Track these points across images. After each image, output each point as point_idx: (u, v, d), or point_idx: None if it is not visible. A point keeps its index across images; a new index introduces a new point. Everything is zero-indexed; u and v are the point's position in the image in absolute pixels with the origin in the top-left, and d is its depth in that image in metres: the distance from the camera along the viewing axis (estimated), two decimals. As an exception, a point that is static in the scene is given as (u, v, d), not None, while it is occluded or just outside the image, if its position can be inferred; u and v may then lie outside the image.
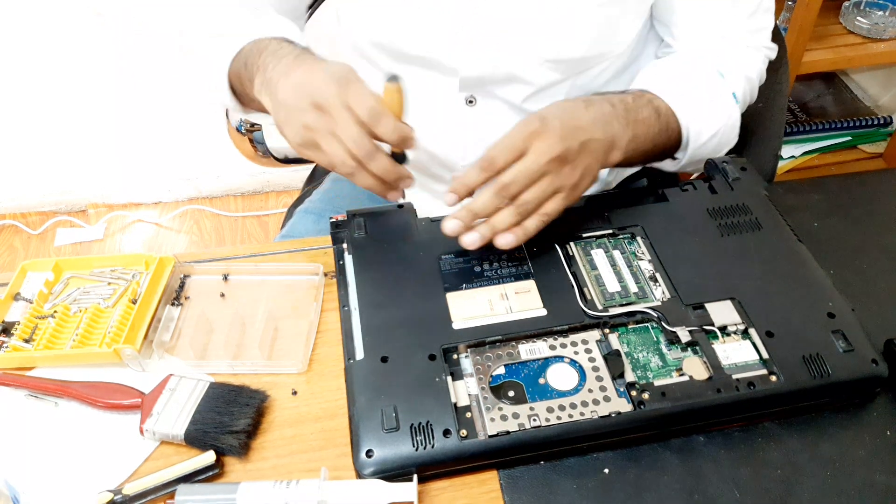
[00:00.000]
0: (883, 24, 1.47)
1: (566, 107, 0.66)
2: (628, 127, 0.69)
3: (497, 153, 0.62)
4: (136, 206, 2.01)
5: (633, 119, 0.70)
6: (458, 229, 0.64)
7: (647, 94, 0.74)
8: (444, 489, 0.55)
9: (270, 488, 0.53)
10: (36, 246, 1.92)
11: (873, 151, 1.68)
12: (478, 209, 0.63)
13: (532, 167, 0.62)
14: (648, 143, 0.72)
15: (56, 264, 0.71)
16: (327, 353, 0.65)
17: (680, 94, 0.75)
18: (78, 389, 0.61)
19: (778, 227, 0.69)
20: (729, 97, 0.77)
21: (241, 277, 0.72)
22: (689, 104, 0.75)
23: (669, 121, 0.74)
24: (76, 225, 1.95)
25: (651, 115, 0.72)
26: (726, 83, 0.78)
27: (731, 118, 0.77)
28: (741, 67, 0.80)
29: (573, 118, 0.65)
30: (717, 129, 0.76)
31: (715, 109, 0.76)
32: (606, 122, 0.67)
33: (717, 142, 0.77)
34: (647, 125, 0.71)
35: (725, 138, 0.78)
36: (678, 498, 0.54)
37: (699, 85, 0.77)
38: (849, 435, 0.58)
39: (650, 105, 0.73)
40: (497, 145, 0.62)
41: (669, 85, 0.75)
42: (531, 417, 0.56)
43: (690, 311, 0.62)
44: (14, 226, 1.96)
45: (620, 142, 0.68)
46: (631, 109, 0.70)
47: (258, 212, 1.99)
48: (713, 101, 0.77)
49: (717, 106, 0.77)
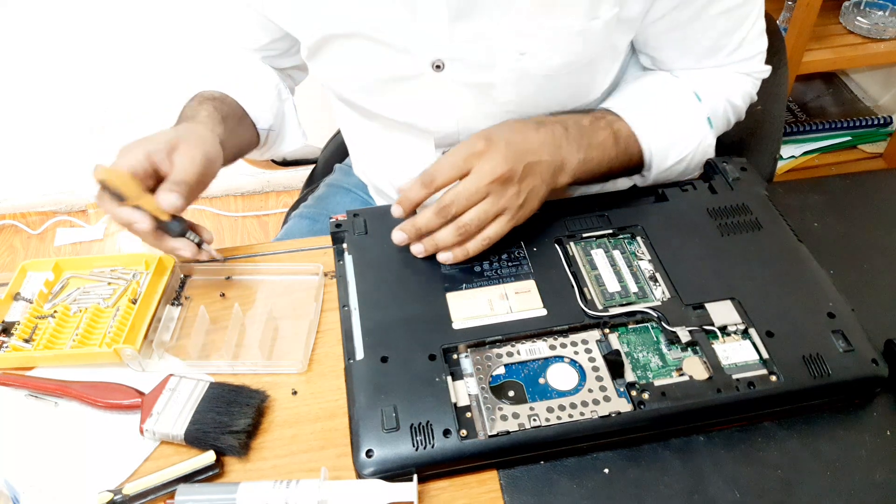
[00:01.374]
0: (883, 24, 1.47)
1: (515, 127, 0.66)
2: (580, 150, 0.68)
3: (437, 171, 0.63)
4: (136, 206, 2.00)
5: (588, 143, 0.69)
6: (403, 241, 0.66)
7: (609, 115, 0.73)
8: (444, 489, 0.55)
9: (270, 488, 0.53)
10: (36, 246, 1.92)
11: (873, 151, 1.68)
12: (420, 225, 0.64)
13: (472, 188, 0.62)
14: (603, 167, 0.71)
15: (56, 264, 0.71)
16: (327, 353, 0.65)
17: (646, 117, 0.73)
18: (78, 389, 0.61)
19: (778, 227, 0.69)
20: (703, 121, 0.75)
21: (241, 277, 0.72)
22: (654, 127, 0.73)
23: (629, 145, 0.72)
24: (76, 225, 1.94)
25: (608, 139, 0.71)
26: (702, 107, 0.75)
27: (702, 143, 0.75)
28: (723, 90, 0.77)
29: (521, 139, 0.64)
30: (686, 154, 0.74)
31: (685, 135, 0.74)
32: (556, 144, 0.66)
33: (686, 166, 0.76)
34: (602, 149, 0.70)
35: (696, 163, 0.76)
36: (678, 498, 0.54)
37: (670, 107, 0.75)
38: (849, 435, 0.57)
39: (609, 128, 0.71)
40: (439, 163, 0.63)
41: (638, 106, 0.73)
42: (531, 417, 0.56)
43: (690, 311, 0.62)
44: (14, 226, 1.96)
45: (570, 165, 0.67)
46: (586, 132, 0.69)
47: (258, 212, 1.99)
48: (684, 126, 0.75)
49: (687, 130, 0.75)
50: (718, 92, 0.76)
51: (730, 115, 0.79)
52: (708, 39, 0.74)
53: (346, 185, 1.03)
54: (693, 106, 0.75)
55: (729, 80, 0.78)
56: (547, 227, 0.70)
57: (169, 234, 0.66)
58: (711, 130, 0.76)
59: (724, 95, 0.77)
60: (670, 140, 0.74)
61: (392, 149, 0.84)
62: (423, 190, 0.63)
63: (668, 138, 0.73)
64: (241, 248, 0.76)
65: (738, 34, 0.74)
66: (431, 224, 0.64)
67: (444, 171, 0.63)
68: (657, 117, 0.73)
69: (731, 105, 0.78)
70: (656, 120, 0.73)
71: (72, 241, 1.91)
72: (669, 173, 0.76)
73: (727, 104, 0.77)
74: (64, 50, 1.71)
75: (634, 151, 0.73)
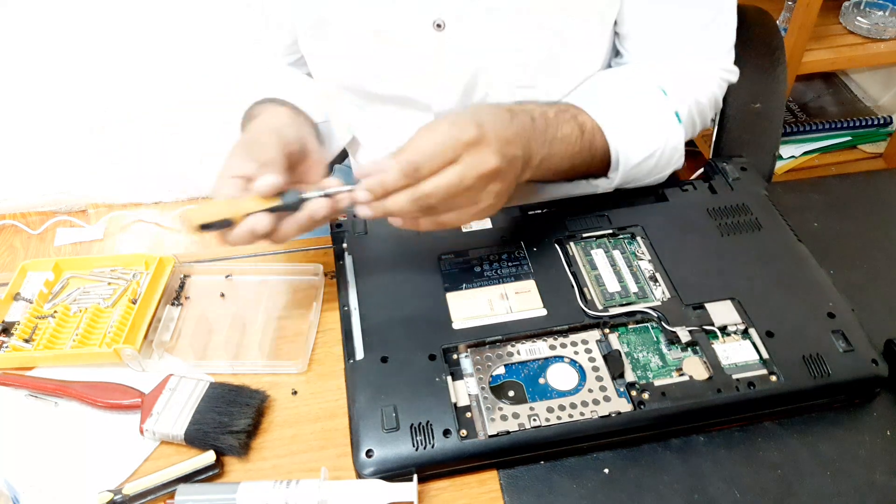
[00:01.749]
0: (883, 24, 1.47)
1: (496, 115, 0.60)
2: (545, 145, 0.64)
3: (424, 161, 0.55)
4: (136, 206, 2.00)
5: (552, 136, 0.65)
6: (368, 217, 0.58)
7: (573, 108, 0.69)
8: (444, 489, 0.55)
9: (270, 488, 0.53)
10: (36, 246, 1.92)
11: (873, 151, 1.68)
12: (392, 210, 0.57)
13: (457, 182, 0.56)
14: (565, 163, 0.67)
15: (56, 264, 0.71)
16: (327, 353, 0.65)
17: (611, 111, 0.69)
18: (78, 389, 0.61)
19: (778, 227, 0.69)
20: (670, 116, 0.72)
21: (241, 277, 0.72)
22: (619, 122, 0.69)
23: (595, 139, 0.68)
24: (76, 225, 1.94)
25: (573, 132, 0.67)
26: (668, 101, 0.72)
27: (671, 139, 0.71)
28: (690, 88, 0.74)
29: (504, 130, 0.59)
30: (654, 150, 0.70)
31: (652, 128, 0.71)
32: (526, 136, 0.62)
33: (655, 163, 0.71)
34: (566, 143, 0.66)
35: (665, 160, 0.72)
36: (678, 498, 0.54)
37: (636, 101, 0.72)
38: (849, 435, 0.57)
39: (574, 121, 0.67)
40: (425, 150, 0.55)
41: (601, 101, 0.71)
42: (531, 417, 0.56)
43: (690, 311, 0.62)
44: (14, 226, 1.95)
45: (534, 160, 0.63)
46: (551, 125, 0.65)
47: (258, 212, 1.99)
48: (650, 119, 0.71)
49: (654, 125, 0.71)
50: (684, 89, 0.74)
51: (695, 116, 0.76)
52: (676, 12, 0.73)
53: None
54: (659, 100, 0.72)
55: (695, 78, 0.75)
56: (547, 227, 0.70)
57: (292, 212, 0.59)
58: (680, 125, 0.72)
59: (691, 94, 0.74)
60: (636, 133, 0.70)
61: (393, 129, 0.83)
62: (403, 180, 0.55)
63: (633, 131, 0.70)
64: (241, 249, 0.76)
65: (708, 12, 0.73)
66: (404, 211, 0.57)
67: (431, 162, 0.55)
68: (621, 110, 0.71)
69: (696, 104, 0.75)
70: (621, 113, 0.70)
71: (72, 241, 1.91)
72: (637, 172, 0.71)
73: (693, 102, 0.74)
74: (64, 50, 1.70)
75: (599, 146, 0.69)
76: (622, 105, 0.71)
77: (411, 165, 0.55)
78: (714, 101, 0.78)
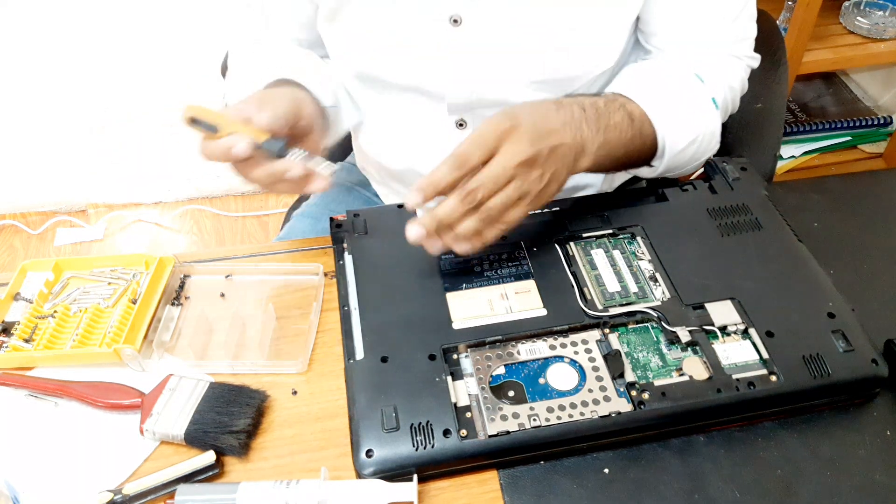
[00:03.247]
0: (883, 24, 1.47)
1: (537, 108, 0.63)
2: (599, 132, 0.65)
3: (470, 151, 0.58)
4: (136, 206, 2.01)
5: (605, 124, 0.66)
6: (420, 237, 0.61)
7: (620, 97, 0.70)
8: (444, 489, 0.55)
9: (270, 488, 0.53)
10: (36, 246, 1.92)
11: (873, 151, 1.68)
12: (443, 216, 0.59)
13: (500, 171, 0.58)
14: (620, 150, 0.69)
15: (56, 264, 0.71)
16: (327, 353, 0.65)
17: (656, 99, 0.71)
18: (78, 389, 0.61)
19: (778, 227, 0.69)
20: (708, 102, 0.74)
21: (241, 277, 0.72)
22: (665, 109, 0.71)
23: (643, 126, 0.70)
24: (76, 225, 1.94)
25: (623, 120, 0.68)
26: (705, 88, 0.74)
27: (710, 124, 0.74)
28: (722, 74, 0.76)
29: (544, 120, 0.61)
30: (696, 136, 0.72)
31: (693, 115, 0.73)
32: (576, 126, 0.64)
33: (696, 149, 0.73)
34: (619, 130, 0.68)
35: (704, 146, 0.74)
36: (678, 498, 0.54)
37: (676, 89, 0.73)
38: (849, 435, 0.57)
39: (623, 109, 0.69)
40: (469, 142, 0.59)
41: (645, 89, 0.72)
42: (531, 417, 0.56)
43: (690, 311, 0.62)
44: (14, 226, 1.96)
45: (590, 147, 0.65)
46: (602, 114, 0.67)
47: (258, 212, 1.99)
48: (691, 106, 0.73)
49: (695, 111, 0.73)
50: (718, 74, 0.76)
51: (728, 102, 0.78)
52: (708, 5, 0.74)
53: (348, 184, 1.03)
54: (696, 86, 0.74)
55: (726, 65, 0.78)
56: (547, 227, 0.70)
57: (271, 159, 0.61)
58: (717, 111, 0.74)
59: (724, 79, 0.77)
60: (679, 120, 0.72)
61: (404, 117, 0.83)
62: (455, 172, 0.58)
63: (677, 118, 0.72)
64: (241, 248, 0.76)
65: (737, 4, 0.74)
66: (456, 213, 0.59)
67: (476, 151, 0.58)
68: (664, 97, 0.72)
69: (730, 90, 0.77)
70: (664, 100, 0.72)
71: (72, 241, 1.91)
72: (681, 158, 0.73)
73: (727, 88, 0.77)
74: (64, 50, 1.71)
75: (648, 134, 0.71)
76: (663, 93, 0.72)
77: (459, 157, 0.58)
78: (743, 87, 0.80)
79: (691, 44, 0.77)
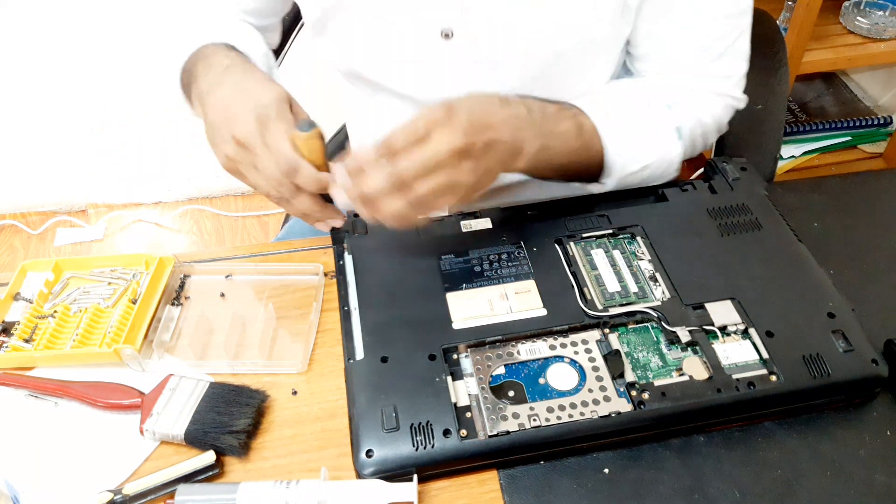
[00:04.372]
0: (883, 24, 1.47)
1: (479, 100, 0.62)
2: (541, 136, 0.64)
3: (395, 136, 0.58)
4: (136, 206, 2.00)
5: (549, 130, 0.65)
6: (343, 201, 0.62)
7: (575, 108, 0.70)
8: (444, 489, 0.55)
9: (270, 488, 0.53)
10: (36, 246, 1.92)
11: (873, 151, 1.68)
12: (367, 191, 0.59)
13: (429, 156, 0.58)
14: (562, 158, 0.68)
15: (56, 264, 0.71)
16: (327, 353, 0.65)
17: (613, 119, 0.70)
18: (78, 389, 0.61)
19: (778, 227, 0.69)
20: (671, 131, 0.73)
21: (241, 277, 0.72)
22: (619, 130, 0.70)
23: (592, 141, 0.69)
24: (76, 225, 1.94)
25: (570, 130, 0.67)
26: (671, 116, 0.73)
27: (669, 153, 0.73)
28: (695, 107, 0.75)
29: (483, 114, 0.60)
30: (650, 162, 0.72)
31: (651, 140, 0.72)
32: (518, 125, 0.63)
33: (649, 174, 0.73)
34: (563, 139, 0.67)
35: (659, 172, 0.73)
36: (678, 498, 0.54)
37: (638, 112, 0.72)
38: (849, 435, 0.58)
39: (573, 119, 0.68)
40: (397, 129, 0.59)
41: (605, 107, 0.71)
42: (531, 417, 0.56)
43: (690, 311, 0.62)
44: (14, 226, 1.96)
45: (529, 149, 0.63)
46: (549, 119, 0.66)
47: (258, 212, 1.99)
48: (651, 131, 0.72)
49: (653, 137, 0.72)
50: (689, 106, 0.74)
51: (697, 136, 0.76)
52: (693, 39, 0.73)
53: None
54: (662, 113, 0.73)
55: (701, 99, 0.75)
56: (547, 227, 0.70)
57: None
58: (679, 142, 0.73)
59: (694, 112, 0.74)
60: (634, 143, 0.71)
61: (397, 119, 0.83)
62: (377, 152, 0.59)
63: (631, 141, 0.71)
64: (241, 248, 0.76)
65: (723, 43, 0.73)
66: (380, 190, 0.59)
67: (402, 136, 0.58)
68: (623, 119, 0.71)
69: (700, 124, 0.75)
70: (622, 121, 0.71)
71: (72, 241, 1.91)
72: (631, 180, 0.73)
73: (696, 121, 0.75)
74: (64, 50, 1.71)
75: (596, 148, 0.70)
76: (624, 114, 0.71)
77: (384, 143, 0.58)
78: (718, 125, 0.78)
79: (672, 74, 0.75)
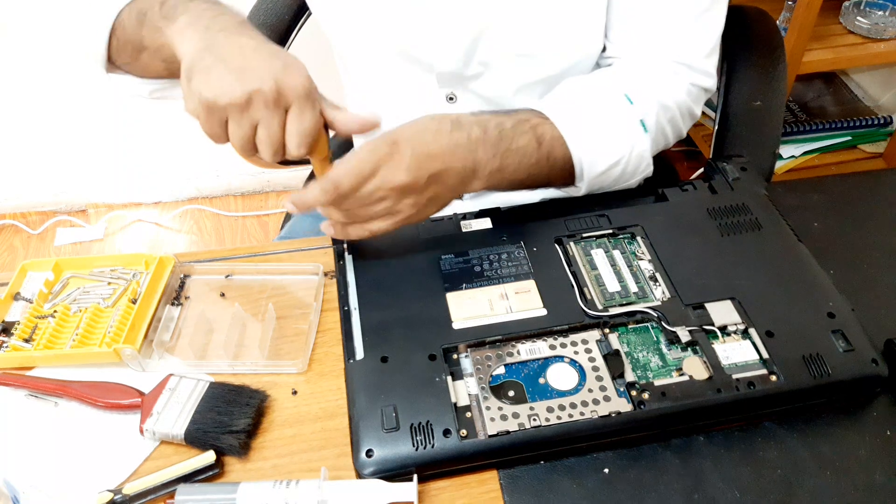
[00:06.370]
0: (883, 24, 1.47)
1: (425, 130, 0.63)
2: (496, 157, 0.65)
3: (342, 178, 0.60)
4: (136, 206, 2.01)
5: (506, 148, 0.66)
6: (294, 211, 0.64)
7: (535, 118, 0.69)
8: (444, 489, 0.55)
9: (270, 488, 0.53)
10: (36, 246, 1.92)
11: (873, 151, 1.68)
12: (315, 209, 0.63)
13: (372, 192, 0.61)
14: (521, 174, 0.68)
15: (56, 264, 0.71)
16: (327, 353, 0.65)
17: (575, 121, 0.70)
18: (78, 389, 0.61)
19: (778, 227, 0.69)
20: (635, 124, 0.72)
21: (241, 277, 0.72)
22: (582, 132, 0.70)
23: (553, 150, 0.69)
24: (76, 225, 1.94)
25: (529, 144, 0.67)
26: (634, 109, 0.72)
27: (636, 147, 0.71)
28: (655, 93, 0.73)
29: (428, 145, 0.62)
30: (618, 159, 0.71)
31: (615, 137, 0.71)
32: (470, 149, 0.64)
33: (621, 171, 0.72)
34: (521, 155, 0.67)
35: (632, 168, 0.72)
36: (678, 498, 0.54)
37: (599, 111, 0.72)
38: (849, 435, 0.58)
39: (532, 132, 0.68)
40: (343, 169, 0.60)
41: (566, 110, 0.70)
42: (531, 417, 0.56)
43: (690, 310, 0.62)
44: (14, 226, 1.96)
45: (482, 171, 0.65)
46: (506, 137, 0.66)
47: (258, 212, 1.99)
48: (613, 128, 0.71)
49: (617, 134, 0.71)
50: (650, 95, 0.73)
51: (664, 124, 0.75)
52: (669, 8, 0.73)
53: None
54: (623, 108, 0.72)
55: (662, 84, 0.75)
56: (547, 227, 0.70)
57: None
58: (646, 134, 0.72)
59: (656, 98, 0.73)
60: (599, 142, 0.71)
61: (394, 90, 0.83)
62: (325, 196, 0.61)
63: (596, 140, 0.70)
64: (241, 249, 0.76)
65: (699, 9, 0.73)
66: (327, 212, 0.64)
67: (348, 178, 0.60)
68: (584, 119, 0.71)
69: (664, 109, 0.74)
70: (584, 122, 0.70)
71: (72, 241, 1.91)
72: (604, 180, 0.72)
73: (660, 108, 0.74)
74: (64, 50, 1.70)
75: (559, 156, 0.69)
76: (585, 114, 0.71)
77: (331, 184, 0.60)
78: (686, 109, 0.77)
79: (645, 39, 0.75)
